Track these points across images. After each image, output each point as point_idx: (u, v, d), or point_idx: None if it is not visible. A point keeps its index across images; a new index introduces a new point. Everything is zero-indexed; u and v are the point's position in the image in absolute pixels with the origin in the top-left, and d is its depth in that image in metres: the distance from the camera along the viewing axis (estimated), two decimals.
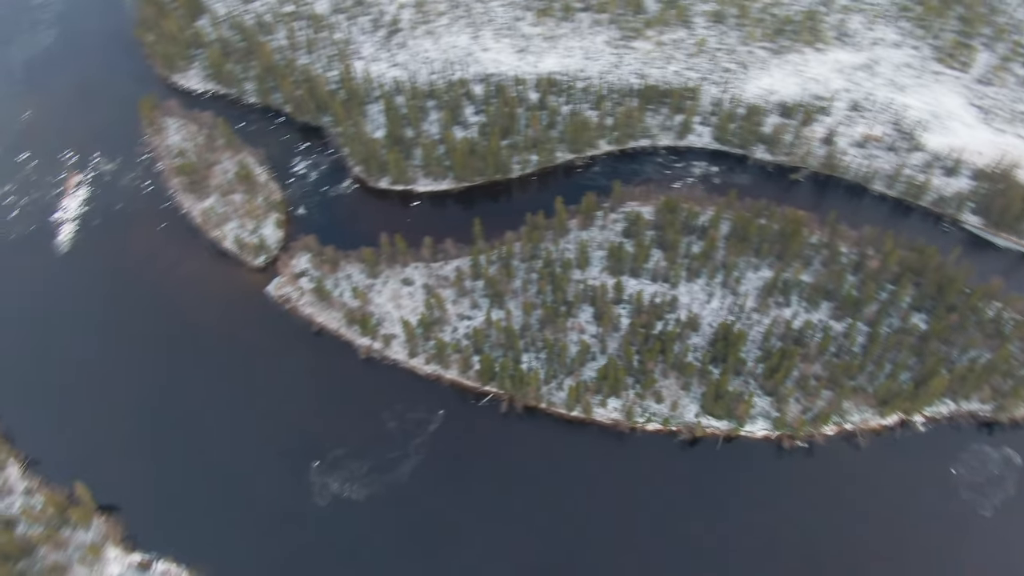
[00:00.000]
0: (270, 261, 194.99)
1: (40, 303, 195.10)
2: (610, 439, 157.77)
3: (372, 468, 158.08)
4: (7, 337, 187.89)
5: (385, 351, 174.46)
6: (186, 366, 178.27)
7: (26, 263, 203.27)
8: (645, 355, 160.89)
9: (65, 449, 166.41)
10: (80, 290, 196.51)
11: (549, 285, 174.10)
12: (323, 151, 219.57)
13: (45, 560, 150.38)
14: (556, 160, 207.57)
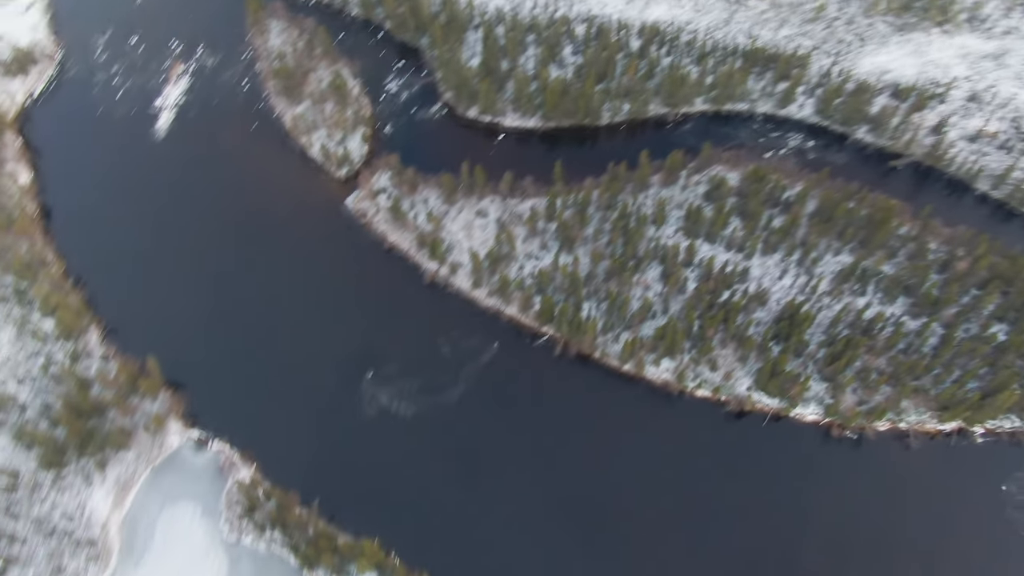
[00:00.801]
0: (352, 175, 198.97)
1: (134, 184, 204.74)
2: (657, 398, 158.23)
3: (421, 388, 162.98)
4: (100, 211, 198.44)
5: (450, 278, 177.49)
6: (260, 262, 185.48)
7: (125, 143, 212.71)
8: (707, 322, 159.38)
9: (141, 322, 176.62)
10: (171, 177, 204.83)
11: (621, 237, 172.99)
12: (417, 72, 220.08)
13: (114, 423, 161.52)
14: (648, 113, 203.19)
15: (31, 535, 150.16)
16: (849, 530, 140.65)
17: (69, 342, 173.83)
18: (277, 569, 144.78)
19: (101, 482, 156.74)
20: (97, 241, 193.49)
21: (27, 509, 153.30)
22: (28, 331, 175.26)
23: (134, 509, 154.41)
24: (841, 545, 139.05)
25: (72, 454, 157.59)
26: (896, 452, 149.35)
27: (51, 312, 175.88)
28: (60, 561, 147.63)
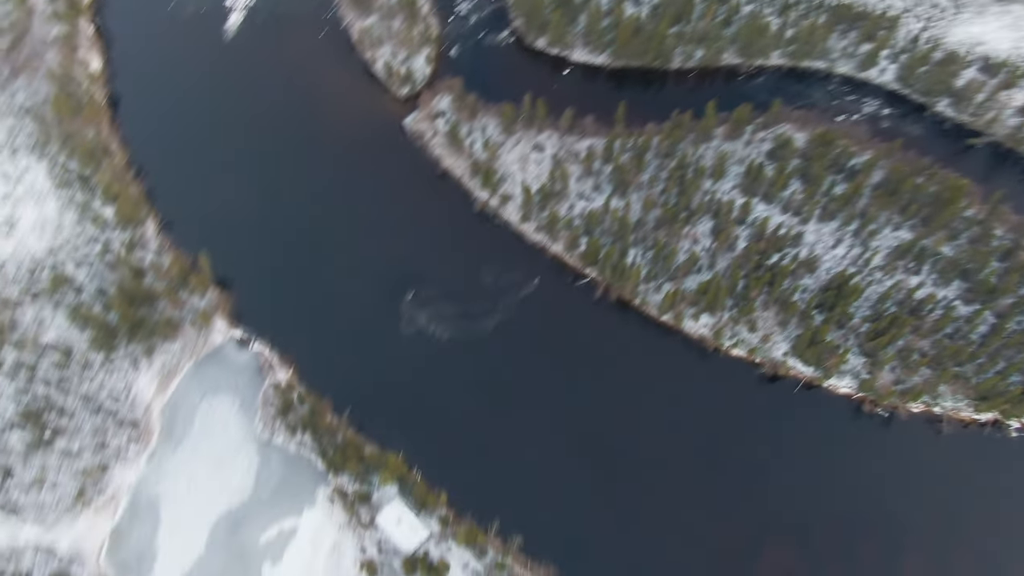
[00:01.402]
0: (413, 94, 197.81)
1: (199, 81, 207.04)
2: (691, 352, 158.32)
3: (459, 313, 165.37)
4: (165, 105, 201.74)
5: (499, 209, 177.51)
6: (315, 172, 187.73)
7: (195, 39, 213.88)
8: (752, 282, 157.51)
9: (196, 219, 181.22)
10: (236, 77, 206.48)
11: (676, 187, 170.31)
12: None
13: (163, 313, 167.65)
14: (720, 61, 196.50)
15: (79, 410, 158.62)
16: (864, 503, 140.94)
17: (126, 231, 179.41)
18: (304, 470, 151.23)
19: (147, 368, 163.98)
20: (160, 134, 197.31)
21: (77, 386, 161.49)
22: (89, 217, 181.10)
23: (176, 397, 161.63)
24: (852, 520, 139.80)
25: (122, 339, 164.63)
26: (926, 435, 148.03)
27: (111, 200, 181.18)
28: (104, 438, 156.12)
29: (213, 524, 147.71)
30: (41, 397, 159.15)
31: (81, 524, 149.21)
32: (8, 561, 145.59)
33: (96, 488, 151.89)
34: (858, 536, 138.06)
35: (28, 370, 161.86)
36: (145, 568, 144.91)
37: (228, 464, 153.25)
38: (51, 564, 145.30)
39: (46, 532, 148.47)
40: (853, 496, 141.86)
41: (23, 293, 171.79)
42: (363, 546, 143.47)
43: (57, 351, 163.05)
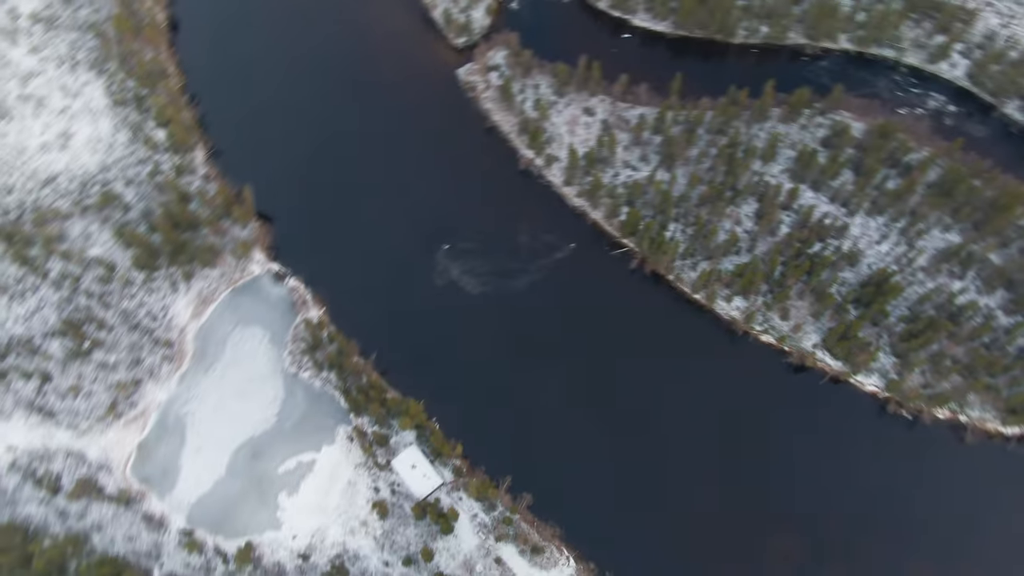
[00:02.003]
0: (469, 45, 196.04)
1: (258, 14, 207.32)
2: (719, 332, 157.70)
3: (492, 270, 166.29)
4: (223, 35, 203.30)
5: (543, 170, 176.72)
6: (364, 114, 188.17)
7: None
8: (790, 270, 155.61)
9: (245, 151, 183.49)
10: (292, 11, 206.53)
11: (724, 166, 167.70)
12: None
13: (205, 240, 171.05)
14: (785, 40, 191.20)
15: (117, 325, 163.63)
16: (877, 503, 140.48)
17: (177, 155, 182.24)
18: (327, 407, 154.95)
19: (185, 292, 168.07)
20: (216, 63, 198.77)
21: (117, 302, 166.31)
22: (141, 137, 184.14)
23: (210, 322, 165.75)
24: (863, 517, 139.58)
25: (164, 261, 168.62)
26: (948, 442, 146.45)
27: (165, 124, 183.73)
28: (139, 354, 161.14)
29: (235, 449, 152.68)
30: (83, 309, 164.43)
31: (111, 435, 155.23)
32: (41, 461, 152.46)
33: (128, 402, 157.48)
34: (867, 534, 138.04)
35: (72, 282, 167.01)
36: (168, 483, 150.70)
37: (254, 393, 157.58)
38: (80, 469, 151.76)
39: (78, 438, 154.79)
40: (867, 494, 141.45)
41: (73, 206, 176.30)
42: (376, 487, 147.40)
43: (101, 266, 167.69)
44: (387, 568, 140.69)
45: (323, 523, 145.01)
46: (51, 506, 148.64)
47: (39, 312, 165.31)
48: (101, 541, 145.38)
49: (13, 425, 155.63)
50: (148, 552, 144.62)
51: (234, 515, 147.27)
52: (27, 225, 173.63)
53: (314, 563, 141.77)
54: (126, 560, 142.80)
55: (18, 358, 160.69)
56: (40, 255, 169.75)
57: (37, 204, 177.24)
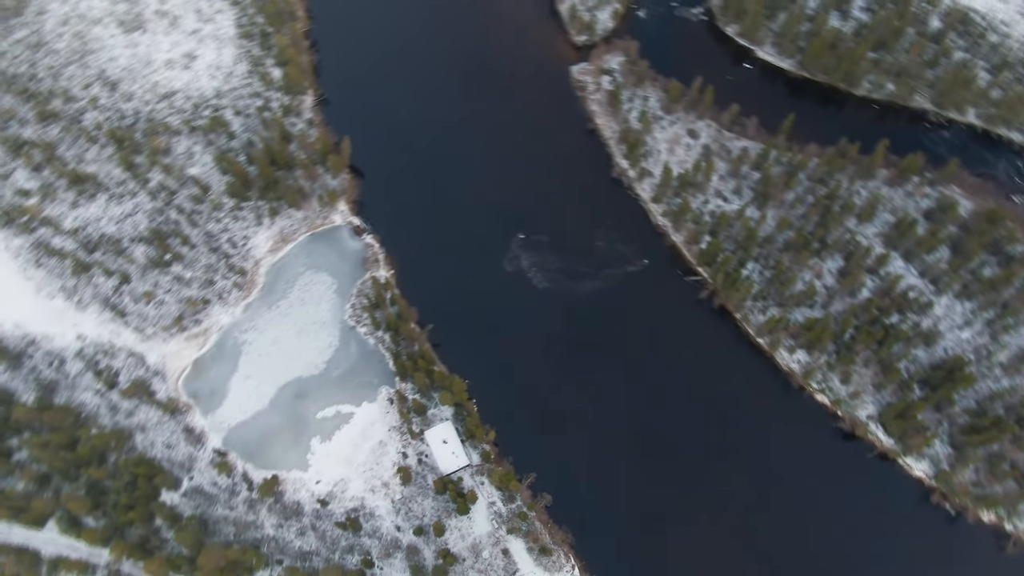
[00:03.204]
0: (589, 44, 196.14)
1: None
2: (775, 381, 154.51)
3: (561, 268, 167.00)
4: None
5: (634, 182, 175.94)
6: (471, 91, 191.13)
7: None
8: (862, 335, 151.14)
9: (350, 104, 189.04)
10: None
11: (818, 216, 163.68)
12: None
13: (296, 182, 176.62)
14: (910, 102, 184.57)
15: (200, 245, 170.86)
16: None
17: (287, 96, 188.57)
18: (375, 365, 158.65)
19: (268, 226, 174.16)
20: (343, 17, 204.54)
21: (204, 222, 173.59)
22: (259, 73, 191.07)
23: (284, 260, 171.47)
24: None
25: (254, 193, 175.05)
26: (988, 546, 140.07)
27: (283, 64, 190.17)
28: (213, 276, 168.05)
29: (282, 386, 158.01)
30: (171, 222, 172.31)
31: (172, 345, 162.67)
32: (104, 356, 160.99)
33: (193, 318, 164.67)
34: None
35: (168, 195, 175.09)
36: (213, 403, 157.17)
37: (311, 336, 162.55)
38: (137, 371, 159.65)
39: (141, 342, 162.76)
40: None
41: (183, 124, 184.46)
42: (405, 452, 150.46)
43: (197, 186, 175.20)
44: (398, 532, 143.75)
45: (347, 475, 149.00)
46: (105, 399, 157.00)
47: (132, 217, 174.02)
48: (142, 442, 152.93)
49: (87, 316, 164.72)
50: (182, 463, 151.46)
51: (267, 447, 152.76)
52: (138, 134, 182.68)
53: (331, 511, 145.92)
54: (161, 465, 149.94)
55: (104, 255, 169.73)
56: (144, 164, 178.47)
57: (151, 115, 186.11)
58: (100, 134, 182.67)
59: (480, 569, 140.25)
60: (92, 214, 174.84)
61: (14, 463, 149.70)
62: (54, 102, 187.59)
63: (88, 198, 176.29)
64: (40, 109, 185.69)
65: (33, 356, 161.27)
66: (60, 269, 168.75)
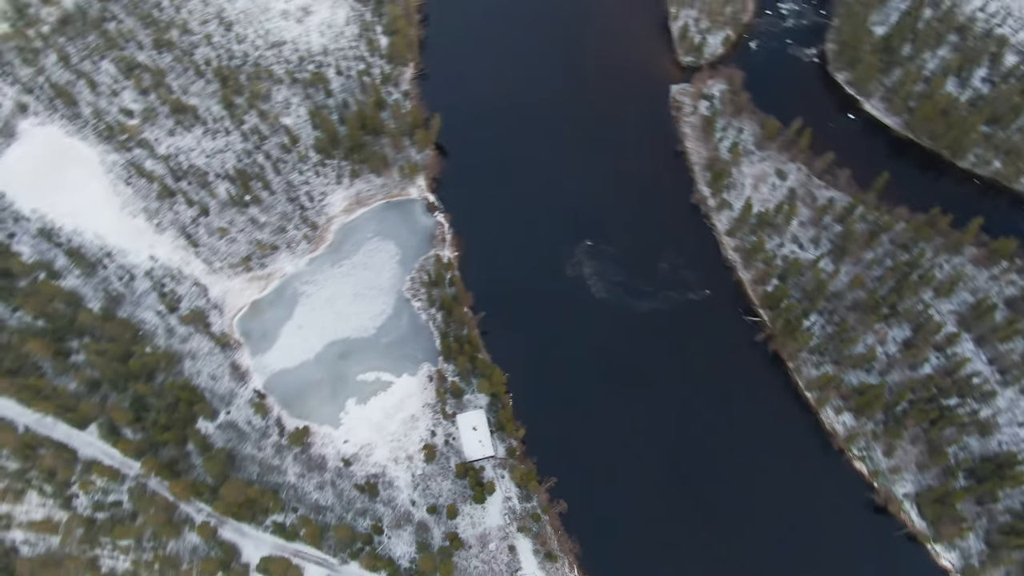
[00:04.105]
0: (693, 66, 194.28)
1: None
2: (814, 438, 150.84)
3: (622, 282, 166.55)
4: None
5: (712, 211, 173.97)
6: (565, 90, 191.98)
7: None
8: (915, 410, 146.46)
9: (448, 84, 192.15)
10: None
11: (894, 281, 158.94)
12: (818, 7, 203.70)
13: (381, 149, 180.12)
14: (1015, 184, 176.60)
15: (279, 193, 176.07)
16: None
17: (389, 65, 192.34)
18: (423, 341, 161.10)
19: (346, 187, 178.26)
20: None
21: (287, 172, 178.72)
22: (367, 38, 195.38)
23: (356, 223, 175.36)
24: None
25: (340, 153, 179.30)
26: None
27: (391, 33, 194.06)
28: (286, 225, 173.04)
29: (330, 342, 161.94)
30: (257, 166, 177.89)
31: (235, 283, 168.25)
32: (171, 280, 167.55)
33: (260, 261, 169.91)
34: None
35: (259, 139, 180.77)
36: (262, 346, 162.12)
37: (367, 301, 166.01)
38: (199, 301, 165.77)
39: (208, 274, 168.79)
40: None
41: (286, 75, 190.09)
42: (434, 431, 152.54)
43: (288, 136, 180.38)
44: (412, 507, 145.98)
45: (375, 441, 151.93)
46: (164, 321, 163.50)
47: (222, 153, 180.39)
48: (190, 369, 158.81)
49: (163, 240, 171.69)
50: (223, 396, 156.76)
51: (304, 398, 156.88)
52: (243, 76, 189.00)
53: (352, 472, 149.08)
54: (203, 394, 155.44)
55: (190, 185, 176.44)
56: (243, 105, 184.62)
57: (258, 60, 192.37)
58: (208, 70, 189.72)
59: (484, 560, 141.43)
60: (186, 144, 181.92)
61: (71, 364, 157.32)
62: (171, 32, 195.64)
63: (185, 128, 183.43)
64: (157, 36, 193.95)
65: (107, 267, 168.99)
66: (147, 191, 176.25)
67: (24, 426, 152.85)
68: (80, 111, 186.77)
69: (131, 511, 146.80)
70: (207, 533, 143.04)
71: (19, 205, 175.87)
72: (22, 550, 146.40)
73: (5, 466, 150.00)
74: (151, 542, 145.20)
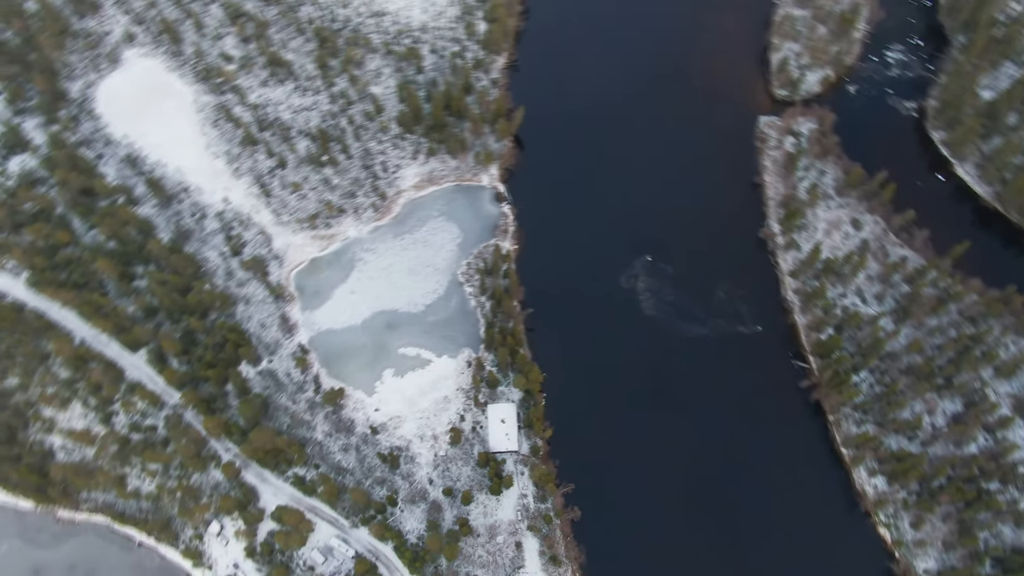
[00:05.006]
0: (786, 101, 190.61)
1: None
2: (842, 497, 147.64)
3: (675, 303, 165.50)
4: None
5: (778, 249, 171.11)
6: (653, 103, 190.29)
7: None
8: (952, 488, 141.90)
9: (537, 79, 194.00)
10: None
11: (954, 353, 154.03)
12: (925, 61, 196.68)
13: (462, 132, 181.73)
14: None
15: (356, 159, 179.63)
16: None
17: (483, 51, 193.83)
18: (468, 327, 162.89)
19: (420, 164, 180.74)
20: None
21: (367, 140, 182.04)
22: (466, 21, 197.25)
23: (423, 200, 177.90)
24: None
25: (420, 129, 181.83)
26: None
27: (491, 20, 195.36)
28: (356, 190, 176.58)
29: (378, 311, 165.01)
30: (339, 129, 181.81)
31: (298, 238, 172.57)
32: (239, 225, 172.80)
33: (325, 221, 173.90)
34: None
35: (346, 104, 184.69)
36: (314, 303, 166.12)
37: (421, 278, 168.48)
38: (261, 249, 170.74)
39: (274, 225, 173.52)
40: None
41: (383, 45, 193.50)
42: (463, 416, 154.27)
43: (374, 104, 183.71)
44: (429, 485, 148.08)
45: (405, 415, 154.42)
46: (226, 262, 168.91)
47: (308, 111, 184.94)
48: (242, 313, 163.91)
49: (238, 185, 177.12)
50: (268, 344, 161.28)
51: (345, 361, 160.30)
52: (341, 40, 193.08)
53: (377, 440, 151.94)
54: (250, 339, 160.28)
55: (272, 137, 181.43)
56: (336, 68, 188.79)
57: (358, 27, 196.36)
58: (309, 29, 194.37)
59: (489, 551, 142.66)
60: (275, 97, 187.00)
61: (133, 288, 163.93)
62: None
63: (278, 81, 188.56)
64: None
65: (182, 202, 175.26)
66: (231, 135, 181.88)
67: (81, 339, 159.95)
68: (183, 49, 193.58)
69: (164, 438, 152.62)
70: (231, 472, 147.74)
71: (112, 129, 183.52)
72: (58, 455, 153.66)
73: (57, 373, 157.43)
74: (177, 471, 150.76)
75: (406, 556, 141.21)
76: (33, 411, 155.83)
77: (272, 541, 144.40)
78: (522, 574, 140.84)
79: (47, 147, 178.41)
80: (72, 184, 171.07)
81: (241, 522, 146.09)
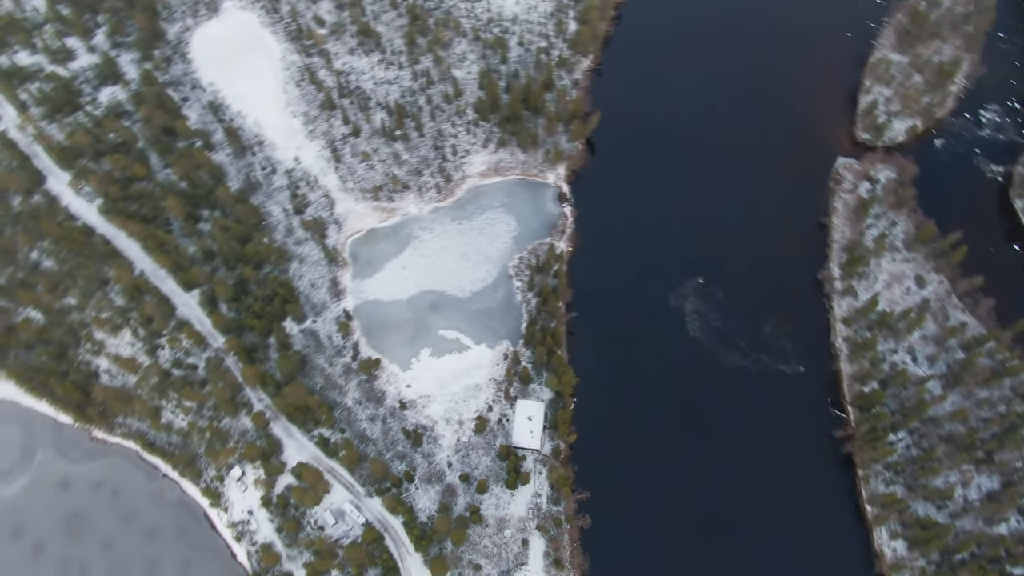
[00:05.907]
0: (868, 145, 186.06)
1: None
2: (858, 554, 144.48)
3: (719, 329, 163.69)
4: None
5: (835, 293, 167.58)
6: (733, 127, 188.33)
7: None
8: (973, 566, 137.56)
9: (619, 86, 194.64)
10: (746, 16, 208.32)
11: (999, 428, 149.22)
12: (1020, 124, 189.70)
13: (536, 127, 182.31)
14: None
15: (427, 138, 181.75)
16: None
17: (569, 51, 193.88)
18: (511, 320, 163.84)
19: (490, 152, 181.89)
20: (659, 6, 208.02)
21: (440, 120, 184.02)
22: (556, 19, 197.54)
23: (486, 188, 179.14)
24: None
25: (495, 119, 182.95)
26: None
27: (582, 22, 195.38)
28: (423, 169, 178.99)
29: (425, 290, 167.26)
30: (416, 106, 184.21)
31: (360, 207, 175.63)
32: (305, 185, 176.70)
33: (389, 195, 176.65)
34: None
35: (427, 82, 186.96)
36: (365, 272, 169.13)
37: (472, 263, 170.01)
38: (323, 211, 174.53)
39: (339, 191, 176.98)
40: None
41: (472, 30, 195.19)
42: (491, 406, 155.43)
43: (454, 87, 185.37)
44: (448, 468, 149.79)
45: (435, 395, 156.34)
46: (287, 219, 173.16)
47: (389, 85, 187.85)
48: (295, 270, 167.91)
49: (311, 146, 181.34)
50: (315, 305, 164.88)
51: (385, 333, 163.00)
52: (432, 20, 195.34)
53: (404, 416, 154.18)
54: (299, 297, 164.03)
55: (351, 105, 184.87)
56: (423, 46, 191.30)
57: (450, 10, 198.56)
58: (403, 5, 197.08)
59: (496, 542, 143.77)
60: (360, 66, 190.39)
61: (197, 230, 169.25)
62: None
63: (365, 52, 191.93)
64: None
65: (255, 155, 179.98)
66: (312, 97, 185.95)
67: (140, 271, 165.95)
68: (279, 7, 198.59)
69: (203, 378, 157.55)
70: (260, 422, 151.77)
71: (200, 74, 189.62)
72: (103, 377, 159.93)
73: (113, 300, 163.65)
74: (210, 412, 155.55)
75: (414, 533, 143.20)
76: (86, 332, 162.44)
77: (288, 495, 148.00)
78: (524, 571, 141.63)
79: (138, 83, 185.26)
80: (156, 121, 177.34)
81: (262, 471, 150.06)
